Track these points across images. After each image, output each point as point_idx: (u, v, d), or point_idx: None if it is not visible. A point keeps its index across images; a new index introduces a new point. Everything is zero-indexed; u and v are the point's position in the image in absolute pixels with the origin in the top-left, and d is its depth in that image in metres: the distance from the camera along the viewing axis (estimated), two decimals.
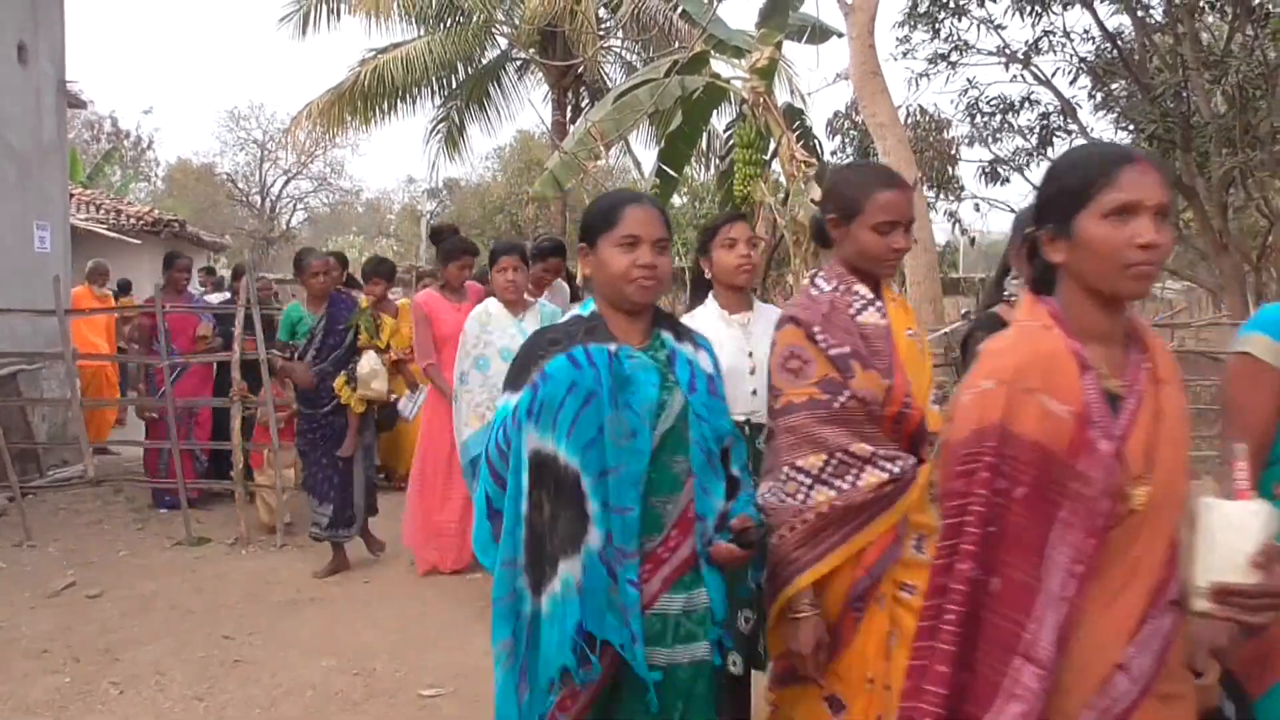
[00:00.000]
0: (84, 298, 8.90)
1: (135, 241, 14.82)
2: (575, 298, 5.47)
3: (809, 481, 2.16)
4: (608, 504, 1.90)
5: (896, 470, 2.16)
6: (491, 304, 4.63)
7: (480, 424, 4.37)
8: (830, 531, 2.14)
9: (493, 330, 4.53)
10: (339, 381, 5.27)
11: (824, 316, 2.21)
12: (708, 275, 3.01)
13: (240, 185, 36.82)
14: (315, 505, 5.36)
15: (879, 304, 2.27)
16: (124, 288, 11.78)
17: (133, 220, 15.42)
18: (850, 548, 2.14)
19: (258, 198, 36.63)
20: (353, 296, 5.73)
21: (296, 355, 5.40)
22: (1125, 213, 1.46)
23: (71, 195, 12.52)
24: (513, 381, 2.00)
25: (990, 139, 12.29)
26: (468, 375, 4.54)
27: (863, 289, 2.27)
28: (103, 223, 14.73)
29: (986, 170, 12.36)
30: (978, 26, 11.36)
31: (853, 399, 2.17)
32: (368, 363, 5.35)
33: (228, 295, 12.88)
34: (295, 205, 38.29)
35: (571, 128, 14.27)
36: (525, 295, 4.70)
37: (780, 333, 2.26)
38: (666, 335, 2.10)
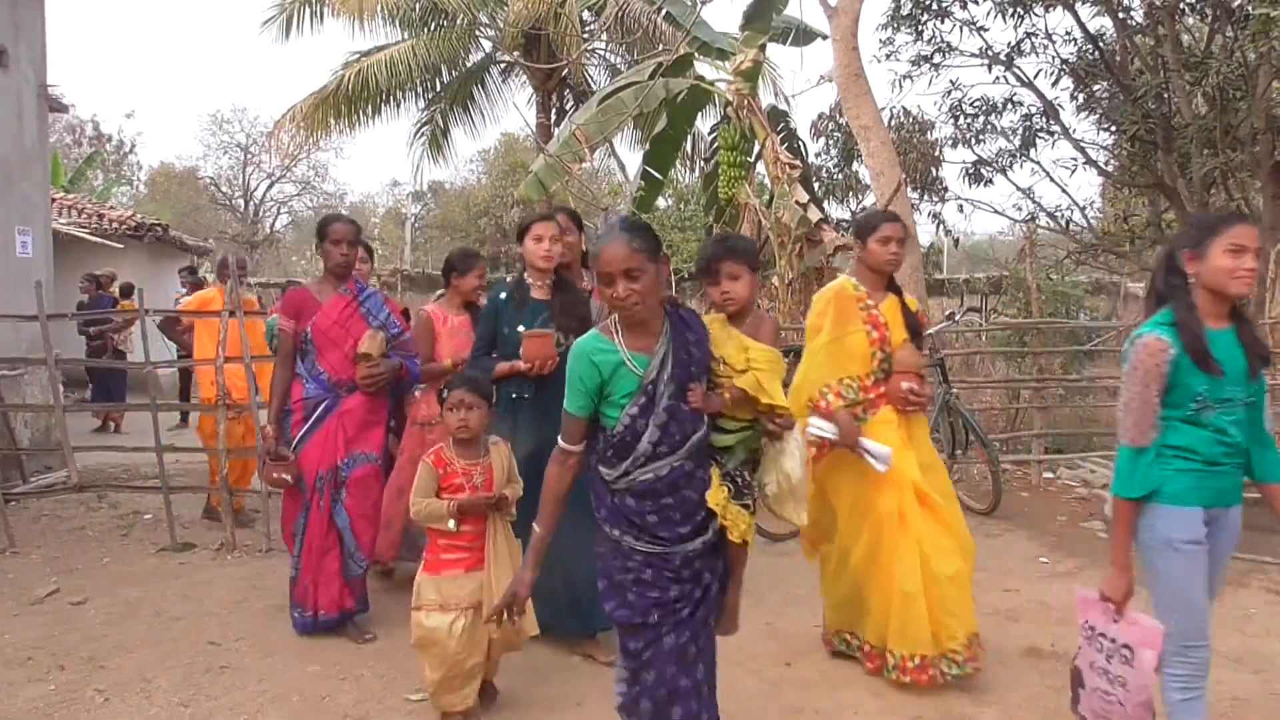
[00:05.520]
0: (215, 300, 6.75)
1: (118, 246, 14.77)
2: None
3: None
4: None
5: None
6: None
7: None
8: None
9: None
10: (721, 496, 2.59)
11: None
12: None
13: (223, 189, 36.73)
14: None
15: None
16: (126, 292, 11.69)
17: (115, 224, 15.36)
18: None
19: (241, 202, 36.53)
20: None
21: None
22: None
23: (53, 200, 12.46)
24: None
25: (973, 140, 12.33)
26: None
27: None
28: (85, 227, 14.68)
29: (970, 171, 12.41)
30: (960, 28, 11.42)
31: None
32: (797, 457, 2.74)
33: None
34: (279, 209, 38.22)
35: (556, 130, 14.28)
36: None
37: None
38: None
